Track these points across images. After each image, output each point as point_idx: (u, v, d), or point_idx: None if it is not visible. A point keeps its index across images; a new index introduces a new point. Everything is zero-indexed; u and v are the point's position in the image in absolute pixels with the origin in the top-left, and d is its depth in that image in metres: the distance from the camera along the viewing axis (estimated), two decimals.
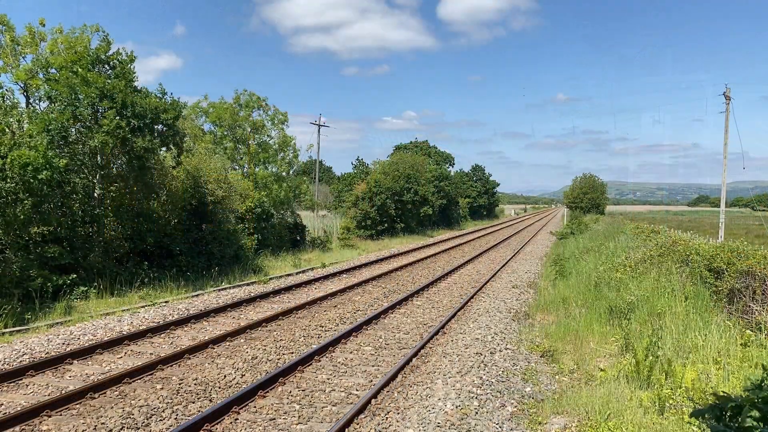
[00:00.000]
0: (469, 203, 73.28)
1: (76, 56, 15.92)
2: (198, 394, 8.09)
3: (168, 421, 7.11)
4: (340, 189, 52.27)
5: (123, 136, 15.54)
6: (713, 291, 11.91)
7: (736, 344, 8.72)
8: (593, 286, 15.02)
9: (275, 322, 12.67)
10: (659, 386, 7.52)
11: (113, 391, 8.03)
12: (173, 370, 9.06)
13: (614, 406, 7.04)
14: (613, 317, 11.66)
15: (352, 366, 9.63)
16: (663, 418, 6.69)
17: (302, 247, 28.70)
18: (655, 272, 13.84)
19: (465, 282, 19.72)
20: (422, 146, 68.79)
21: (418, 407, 7.69)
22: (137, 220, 17.28)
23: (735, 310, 11.10)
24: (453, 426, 7.05)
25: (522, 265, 24.91)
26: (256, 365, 9.51)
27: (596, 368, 9.10)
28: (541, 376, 9.27)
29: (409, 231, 43.91)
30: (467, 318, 13.65)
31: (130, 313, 13.19)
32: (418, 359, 10.12)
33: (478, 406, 7.76)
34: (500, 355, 10.36)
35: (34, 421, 6.88)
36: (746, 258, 11.84)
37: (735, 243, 13.66)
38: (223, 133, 28.38)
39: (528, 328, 12.67)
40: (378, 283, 18.85)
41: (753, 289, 11.07)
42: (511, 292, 17.42)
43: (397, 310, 14.51)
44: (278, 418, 7.29)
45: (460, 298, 16.44)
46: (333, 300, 15.62)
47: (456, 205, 62.95)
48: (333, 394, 8.24)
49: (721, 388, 7.09)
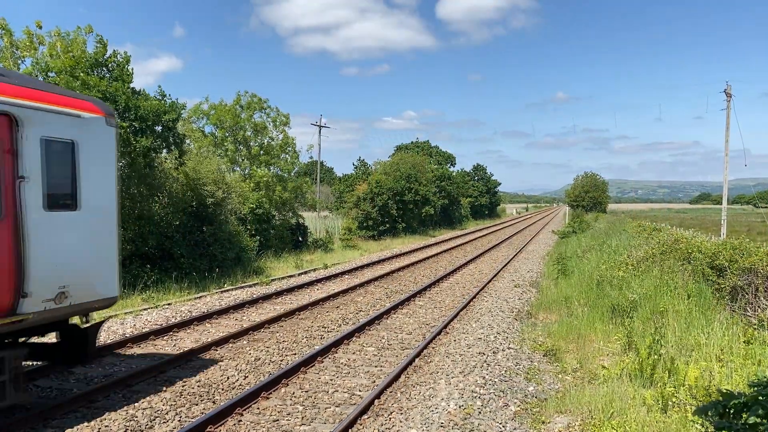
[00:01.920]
0: (470, 203, 73.28)
1: (74, 60, 15.94)
2: (201, 396, 8.10)
3: (171, 423, 7.12)
4: (341, 190, 52.30)
5: (125, 137, 15.60)
6: (716, 289, 11.90)
7: (739, 342, 8.72)
8: (595, 284, 15.00)
9: (278, 324, 12.68)
10: (662, 384, 7.52)
11: (116, 394, 8.05)
12: (177, 372, 9.08)
13: (617, 404, 7.04)
14: (615, 316, 11.65)
15: (354, 367, 9.63)
16: (666, 417, 6.69)
17: (304, 248, 28.72)
18: (658, 270, 13.83)
19: (467, 282, 19.72)
20: (423, 146, 68.82)
21: (422, 407, 7.70)
22: (139, 222, 17.31)
23: (737, 308, 11.10)
24: (456, 426, 7.05)
25: (524, 264, 24.90)
26: (259, 367, 9.52)
27: (599, 367, 9.09)
28: (544, 375, 9.27)
29: (410, 231, 43.91)
30: (470, 318, 13.65)
31: (133, 315, 13.20)
32: (421, 359, 10.12)
33: (481, 405, 7.77)
34: (503, 355, 10.36)
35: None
36: (748, 255, 11.84)
37: (737, 240, 13.64)
38: (224, 135, 28.40)
39: (530, 327, 12.67)
40: (380, 284, 18.86)
41: (755, 286, 11.06)
42: (514, 292, 17.42)
43: (399, 310, 14.51)
44: (282, 419, 7.30)
45: (463, 297, 16.44)
46: (335, 301, 15.63)
47: (458, 205, 62.95)
48: (336, 395, 8.25)
49: (725, 386, 7.08)
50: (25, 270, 6.60)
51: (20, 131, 6.58)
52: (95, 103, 8.02)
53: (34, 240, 6.69)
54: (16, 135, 6.55)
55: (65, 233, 7.25)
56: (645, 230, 25.33)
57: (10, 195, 6.49)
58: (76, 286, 7.33)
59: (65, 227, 7.27)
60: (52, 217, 7.00)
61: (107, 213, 7.99)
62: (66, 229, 7.27)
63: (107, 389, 8.06)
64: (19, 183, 6.55)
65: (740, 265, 11.58)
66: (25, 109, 6.63)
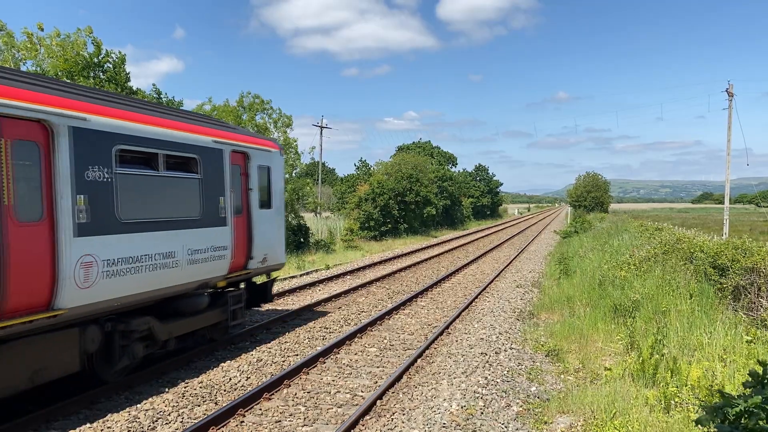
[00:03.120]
0: (472, 203, 73.26)
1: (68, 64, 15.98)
2: (203, 397, 8.11)
3: (174, 424, 7.14)
4: (343, 190, 52.33)
5: None
6: (718, 288, 11.88)
7: (742, 341, 8.71)
8: (597, 284, 14.99)
9: (279, 324, 12.69)
10: (665, 384, 7.51)
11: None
12: (179, 374, 9.09)
13: (620, 404, 7.03)
14: (617, 316, 11.64)
15: (357, 367, 9.63)
16: (669, 416, 6.68)
17: (306, 248, 28.73)
18: (660, 270, 13.81)
19: (469, 282, 19.71)
20: (425, 146, 68.84)
21: (424, 408, 7.69)
22: None
23: (740, 307, 11.08)
24: (458, 426, 7.05)
25: (526, 265, 24.88)
26: (261, 368, 9.53)
27: (601, 367, 9.09)
28: (546, 376, 9.26)
29: (412, 231, 43.91)
30: (472, 318, 13.64)
31: None
32: (423, 360, 10.12)
33: (484, 406, 7.76)
34: (505, 355, 10.36)
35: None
36: (751, 255, 11.82)
37: (739, 240, 13.61)
38: None
39: (533, 327, 12.66)
40: (382, 284, 18.85)
41: (758, 285, 11.05)
42: (516, 292, 17.40)
43: (401, 311, 14.51)
44: (284, 420, 7.30)
45: (465, 298, 16.43)
46: (337, 301, 15.63)
47: (459, 205, 62.94)
48: (338, 396, 8.25)
49: (727, 386, 7.07)
50: (252, 243, 10.94)
51: (249, 162, 10.97)
52: (275, 142, 12.64)
53: (255, 226, 11.04)
54: (248, 164, 10.95)
55: (266, 223, 11.56)
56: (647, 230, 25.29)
57: (245, 199, 10.87)
58: (270, 254, 11.69)
59: (266, 219, 11.58)
60: (261, 213, 11.36)
61: (281, 211, 12.47)
62: (267, 220, 11.61)
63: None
64: (249, 192, 10.96)
65: (742, 265, 11.56)
66: (252, 149, 11.09)
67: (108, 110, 7.71)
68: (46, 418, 7.08)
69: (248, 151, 10.86)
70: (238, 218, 10.46)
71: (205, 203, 9.45)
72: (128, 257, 7.75)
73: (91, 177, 7.22)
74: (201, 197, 9.37)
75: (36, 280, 6.57)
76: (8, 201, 6.27)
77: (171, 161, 8.79)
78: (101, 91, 9.78)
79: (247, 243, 10.77)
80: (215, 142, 9.83)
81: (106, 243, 7.42)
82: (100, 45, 16.94)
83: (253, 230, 10.91)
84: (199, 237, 9.24)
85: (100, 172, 7.37)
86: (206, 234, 9.45)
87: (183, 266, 8.86)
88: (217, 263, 9.80)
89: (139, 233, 7.98)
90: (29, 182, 6.58)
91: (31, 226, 6.56)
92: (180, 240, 8.79)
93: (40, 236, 6.64)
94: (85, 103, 7.41)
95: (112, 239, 7.52)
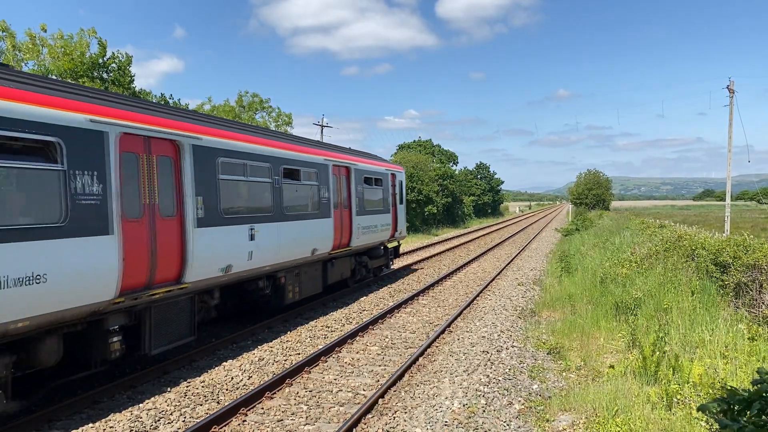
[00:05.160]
0: (473, 201, 73.22)
1: (72, 63, 15.97)
2: (205, 396, 8.12)
3: (176, 423, 7.15)
4: None
5: None
6: (719, 285, 11.87)
7: (744, 338, 8.70)
8: (599, 282, 14.99)
9: (281, 323, 12.70)
10: (666, 381, 7.51)
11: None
12: (181, 374, 9.11)
13: (622, 402, 7.03)
14: (619, 313, 11.64)
15: (358, 366, 9.64)
16: (671, 414, 6.68)
17: None
18: (661, 267, 13.79)
19: (470, 280, 19.71)
20: (426, 145, 68.74)
21: (426, 406, 7.70)
22: None
23: (742, 304, 11.07)
24: (461, 424, 7.05)
25: (527, 263, 24.87)
26: (262, 367, 9.54)
27: (603, 364, 9.09)
28: (548, 374, 9.26)
29: (413, 230, 43.89)
30: (473, 316, 13.64)
31: None
32: (425, 358, 10.12)
33: (486, 404, 7.76)
34: (507, 353, 10.36)
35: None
36: (752, 251, 11.80)
37: (741, 237, 13.60)
38: None
39: (534, 325, 12.66)
40: (383, 283, 18.85)
41: (760, 282, 11.03)
42: (517, 290, 17.40)
43: (402, 309, 14.51)
44: (286, 419, 7.31)
45: (466, 296, 16.43)
46: (338, 301, 15.63)
47: (460, 204, 62.90)
48: (340, 395, 8.25)
49: (729, 383, 7.07)
50: (397, 222, 19.69)
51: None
52: (399, 164, 22.54)
53: (399, 214, 19.87)
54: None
55: (401, 212, 20.24)
56: (649, 227, 25.26)
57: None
58: (402, 230, 20.27)
59: (401, 210, 20.23)
60: (399, 207, 19.90)
61: (404, 206, 20.86)
62: (401, 211, 20.24)
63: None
64: (394, 195, 19.52)
65: (744, 262, 11.54)
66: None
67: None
68: (48, 417, 7.10)
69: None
70: (392, 209, 19.22)
71: (383, 202, 18.25)
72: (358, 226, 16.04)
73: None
74: (381, 198, 18.30)
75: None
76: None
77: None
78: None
79: (394, 223, 19.21)
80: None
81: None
82: (105, 45, 16.94)
83: (398, 216, 19.58)
84: (381, 220, 17.75)
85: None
86: (383, 218, 18.08)
87: (378, 232, 17.49)
88: (385, 232, 18.33)
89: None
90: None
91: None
92: (376, 219, 17.38)
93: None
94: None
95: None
